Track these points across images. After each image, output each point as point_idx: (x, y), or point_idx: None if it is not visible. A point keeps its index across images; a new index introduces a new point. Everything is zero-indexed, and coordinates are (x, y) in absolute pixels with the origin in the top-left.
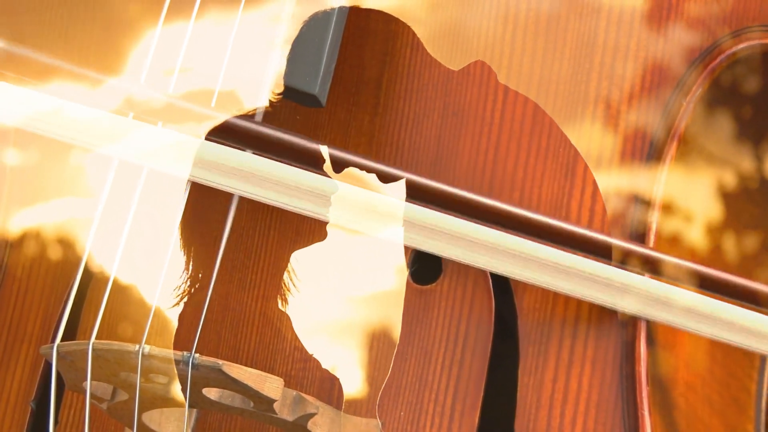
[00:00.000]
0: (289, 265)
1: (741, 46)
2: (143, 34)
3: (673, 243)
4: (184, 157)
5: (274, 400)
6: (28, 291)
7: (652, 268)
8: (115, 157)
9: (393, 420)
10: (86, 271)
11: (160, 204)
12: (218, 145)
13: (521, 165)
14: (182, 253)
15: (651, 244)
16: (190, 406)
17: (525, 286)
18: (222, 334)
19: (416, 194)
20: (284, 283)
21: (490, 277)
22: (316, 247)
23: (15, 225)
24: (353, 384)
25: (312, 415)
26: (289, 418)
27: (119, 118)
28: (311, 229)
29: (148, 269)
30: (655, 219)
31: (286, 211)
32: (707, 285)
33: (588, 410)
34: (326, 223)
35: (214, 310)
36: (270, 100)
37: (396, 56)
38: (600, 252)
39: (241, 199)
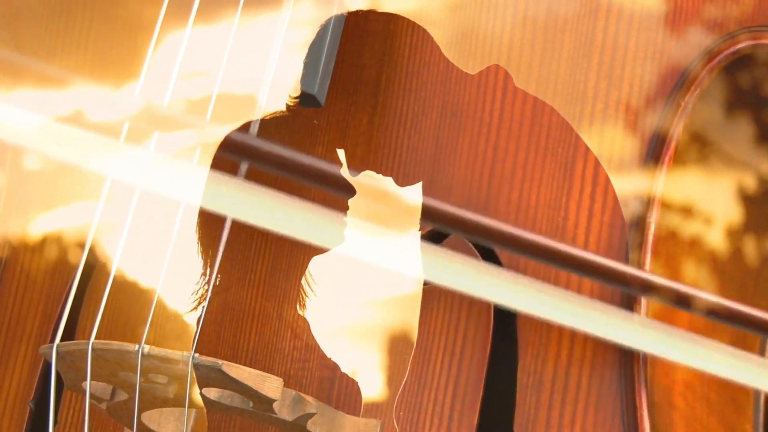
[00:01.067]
0: (288, 264)
1: (740, 45)
2: (162, 38)
3: (672, 240)
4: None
5: (273, 400)
6: (27, 290)
7: (648, 288)
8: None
9: (392, 420)
10: (86, 270)
11: (161, 202)
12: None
13: (520, 165)
14: (200, 256)
15: (649, 245)
16: (190, 406)
17: None
18: (221, 334)
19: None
20: (283, 283)
21: None
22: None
23: (14, 225)
24: (372, 385)
25: (311, 415)
26: (289, 417)
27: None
28: None
29: (149, 268)
30: (653, 219)
31: None
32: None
33: (587, 411)
34: None
35: (214, 310)
36: (287, 105)
37: (394, 56)
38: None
39: None
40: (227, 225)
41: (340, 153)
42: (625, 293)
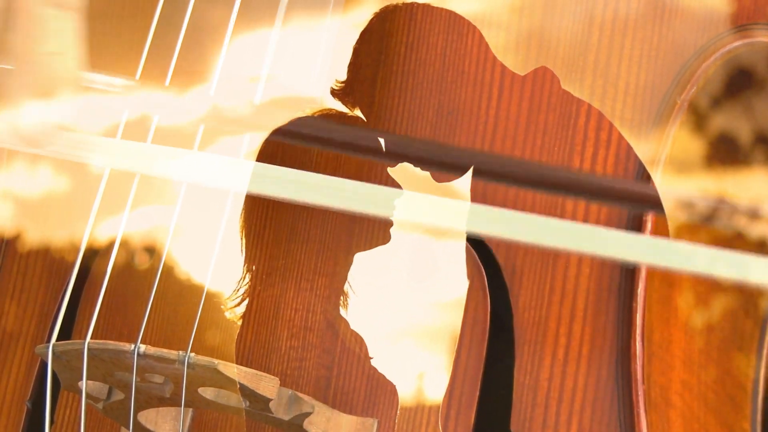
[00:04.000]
0: (285, 262)
1: (736, 44)
2: (229, 41)
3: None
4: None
5: (269, 400)
6: (23, 290)
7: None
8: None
9: (389, 418)
10: (82, 269)
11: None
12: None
13: None
14: (242, 256)
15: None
16: (186, 405)
17: (521, 285)
18: (217, 334)
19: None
20: (280, 283)
21: (485, 276)
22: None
23: (10, 224)
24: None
25: (308, 414)
26: (285, 417)
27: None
28: (307, 227)
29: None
30: (650, 216)
31: (281, 209)
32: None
33: (584, 409)
34: (322, 221)
35: (209, 310)
36: (332, 88)
37: (390, 55)
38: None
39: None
40: (222, 226)
41: None
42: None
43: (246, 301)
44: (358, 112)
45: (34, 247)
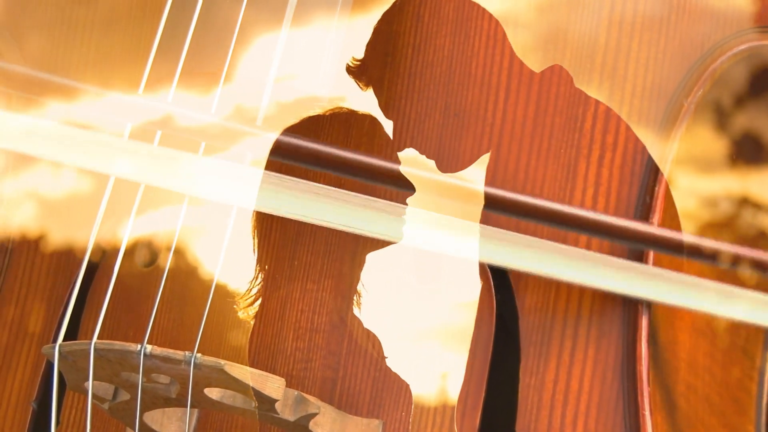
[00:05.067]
0: (290, 267)
1: (742, 47)
2: (254, 41)
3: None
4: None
5: (275, 400)
6: (30, 291)
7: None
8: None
9: (394, 420)
10: (89, 270)
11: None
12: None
13: (522, 166)
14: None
15: (650, 258)
16: (192, 406)
17: (526, 286)
18: (223, 334)
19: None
20: (286, 285)
21: (491, 277)
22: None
23: (17, 225)
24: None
25: (313, 415)
26: (291, 418)
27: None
28: (313, 229)
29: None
30: (656, 220)
31: None
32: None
33: (589, 411)
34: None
35: (215, 310)
36: (348, 65)
37: (398, 56)
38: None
39: None
40: (230, 227)
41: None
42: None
43: (259, 301)
44: (370, 92)
45: (40, 248)
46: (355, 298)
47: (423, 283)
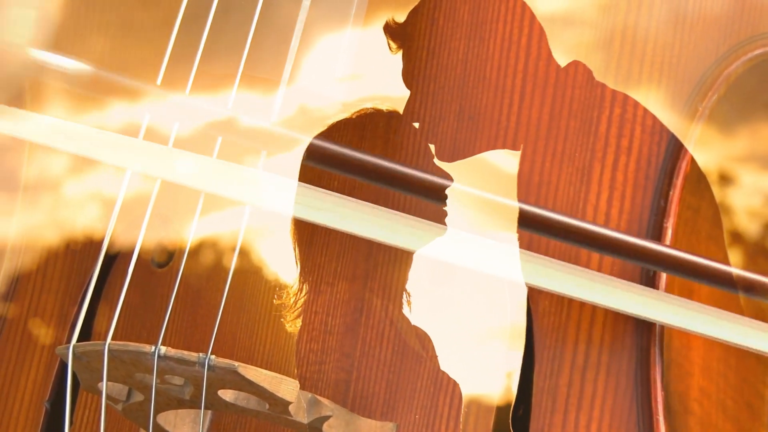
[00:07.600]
0: (303, 268)
1: (757, 52)
2: (315, 41)
3: (691, 235)
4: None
5: (289, 403)
6: (43, 291)
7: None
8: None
9: (408, 423)
10: (102, 271)
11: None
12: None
13: (537, 169)
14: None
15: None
16: (206, 407)
17: (540, 290)
18: (237, 336)
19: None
20: (300, 285)
21: None
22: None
23: (23, 225)
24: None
25: (327, 417)
26: (304, 420)
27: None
28: (327, 231)
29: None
30: (671, 224)
31: None
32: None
33: (603, 415)
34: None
35: (229, 312)
36: (387, 22)
37: (412, 59)
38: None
39: None
40: (241, 234)
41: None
42: (645, 273)
43: (303, 315)
44: (399, 54)
45: (55, 248)
46: (369, 299)
47: (436, 284)
